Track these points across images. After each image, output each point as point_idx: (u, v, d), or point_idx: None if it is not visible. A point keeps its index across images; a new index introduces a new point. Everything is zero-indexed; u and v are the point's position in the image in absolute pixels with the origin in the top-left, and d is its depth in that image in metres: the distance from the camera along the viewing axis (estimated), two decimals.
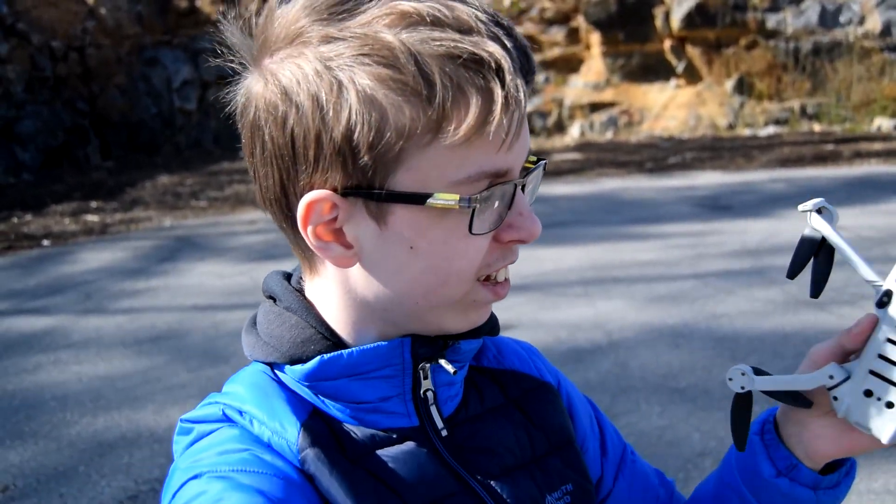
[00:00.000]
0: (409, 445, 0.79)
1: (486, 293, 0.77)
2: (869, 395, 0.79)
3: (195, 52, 15.70)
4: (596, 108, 16.03)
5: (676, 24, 15.50)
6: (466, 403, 0.85)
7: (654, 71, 15.84)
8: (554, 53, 16.09)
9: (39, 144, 13.63)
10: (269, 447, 0.75)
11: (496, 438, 0.85)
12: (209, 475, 0.71)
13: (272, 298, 0.84)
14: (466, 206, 0.70)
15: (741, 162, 12.28)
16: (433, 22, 0.67)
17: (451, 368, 0.79)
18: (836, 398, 0.81)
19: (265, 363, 0.82)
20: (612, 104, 15.99)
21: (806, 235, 0.84)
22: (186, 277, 7.22)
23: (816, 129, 14.93)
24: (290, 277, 0.86)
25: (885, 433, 0.79)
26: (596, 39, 15.97)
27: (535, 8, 16.32)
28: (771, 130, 14.94)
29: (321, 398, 0.79)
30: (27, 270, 7.93)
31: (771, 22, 15.45)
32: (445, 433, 0.81)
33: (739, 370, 0.84)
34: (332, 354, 0.77)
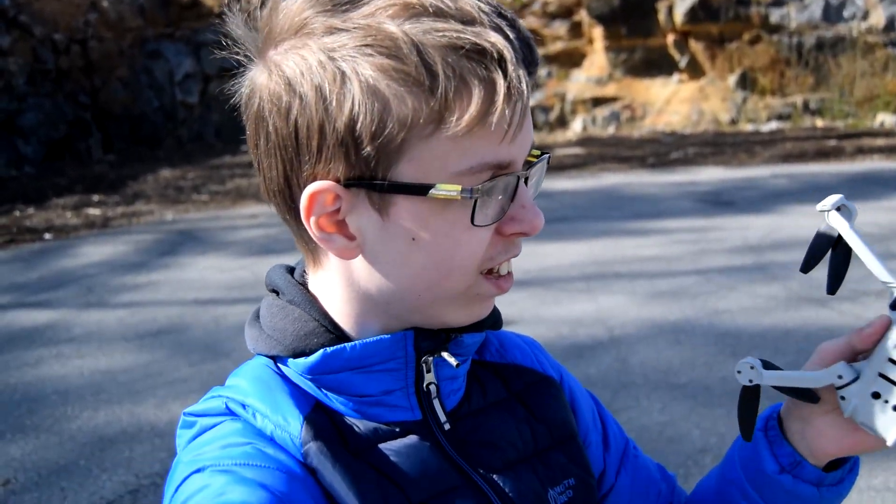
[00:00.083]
0: (411, 439, 0.79)
1: (488, 286, 0.77)
2: (877, 396, 0.79)
3: (197, 45, 15.69)
4: (598, 102, 16.00)
5: (679, 18, 15.46)
6: (469, 397, 0.86)
7: (656, 66, 15.81)
8: (556, 48, 16.06)
9: (41, 137, 13.63)
10: (271, 441, 0.75)
11: (499, 432, 0.85)
12: (212, 469, 0.71)
13: (275, 292, 0.84)
14: (468, 197, 0.69)
15: (743, 157, 12.26)
16: (436, 13, 0.67)
17: (453, 361, 0.79)
18: (843, 398, 0.81)
19: (268, 356, 0.82)
20: (614, 99, 15.96)
21: (821, 231, 0.83)
22: (188, 271, 7.23)
23: (819, 124, 14.90)
24: (293, 271, 0.86)
25: (889, 435, 0.79)
26: (599, 34, 15.93)
27: (537, 2, 16.28)
28: (773, 126, 14.91)
29: (324, 391, 0.79)
30: (29, 264, 7.94)
31: (774, 17, 15.41)
32: (448, 427, 0.82)
33: (748, 363, 0.85)
34: (335, 348, 0.77)
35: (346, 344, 0.77)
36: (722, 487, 0.95)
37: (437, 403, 0.81)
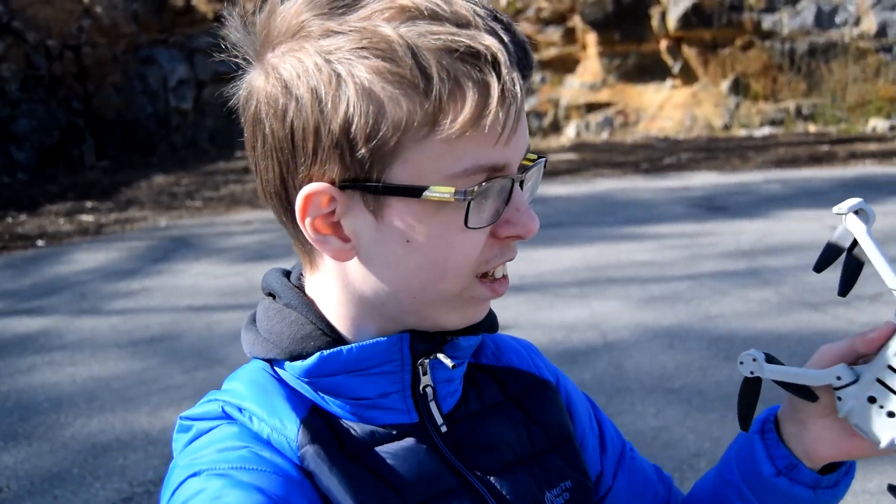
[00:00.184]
0: (408, 442, 0.79)
1: (483, 290, 0.77)
2: (872, 401, 0.80)
3: (191, 50, 15.68)
4: (592, 108, 16.04)
5: (673, 24, 15.52)
6: (466, 400, 0.86)
7: (650, 71, 15.86)
8: (550, 53, 16.10)
9: (34, 143, 13.60)
10: (268, 444, 0.75)
11: (496, 435, 0.85)
12: (208, 473, 0.71)
13: (272, 295, 0.84)
14: (462, 199, 0.70)
15: (736, 162, 12.30)
16: (431, 16, 0.68)
17: (449, 362, 0.79)
18: (840, 398, 0.82)
19: (264, 360, 0.82)
20: (607, 104, 16.00)
21: (834, 237, 0.84)
22: (181, 278, 7.21)
23: (812, 129, 14.96)
24: (289, 275, 0.86)
25: (881, 439, 0.81)
26: (592, 39, 15.98)
27: (531, 8, 16.33)
28: (766, 131, 14.96)
29: (321, 395, 0.79)
30: (21, 271, 7.91)
31: (767, 23, 15.48)
32: (445, 429, 0.82)
33: (751, 356, 0.85)
34: (331, 351, 0.77)
35: (342, 347, 0.77)
36: (718, 489, 0.96)
37: (433, 406, 0.81)
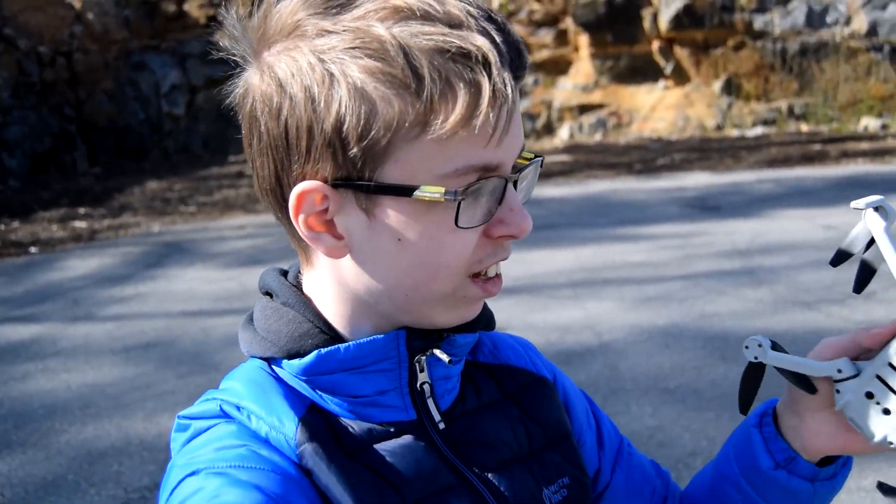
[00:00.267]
0: (406, 439, 0.79)
1: (476, 289, 0.78)
2: (870, 397, 0.81)
3: (183, 56, 15.65)
4: (585, 109, 16.05)
5: (664, 25, 15.54)
6: (463, 398, 0.86)
7: (642, 72, 15.88)
8: (542, 55, 16.11)
9: (26, 150, 13.56)
10: (266, 442, 0.76)
11: (493, 432, 0.85)
12: (206, 472, 0.71)
13: (269, 294, 0.85)
14: (452, 199, 0.70)
15: (729, 162, 12.33)
16: (423, 16, 0.69)
17: (445, 357, 0.80)
18: (838, 391, 0.83)
19: (262, 359, 0.82)
20: (600, 106, 16.02)
21: (853, 232, 0.84)
22: (175, 283, 7.19)
23: (804, 129, 15.00)
24: (286, 274, 0.87)
25: (875, 435, 0.82)
26: (584, 41, 16.00)
27: (523, 10, 16.34)
28: (759, 131, 15.00)
29: (319, 393, 0.80)
30: (14, 278, 7.88)
31: (758, 23, 15.52)
32: (443, 426, 0.82)
33: (757, 341, 0.86)
34: (329, 349, 0.77)
35: (339, 345, 0.77)
36: (716, 483, 0.96)
37: (431, 403, 0.82)
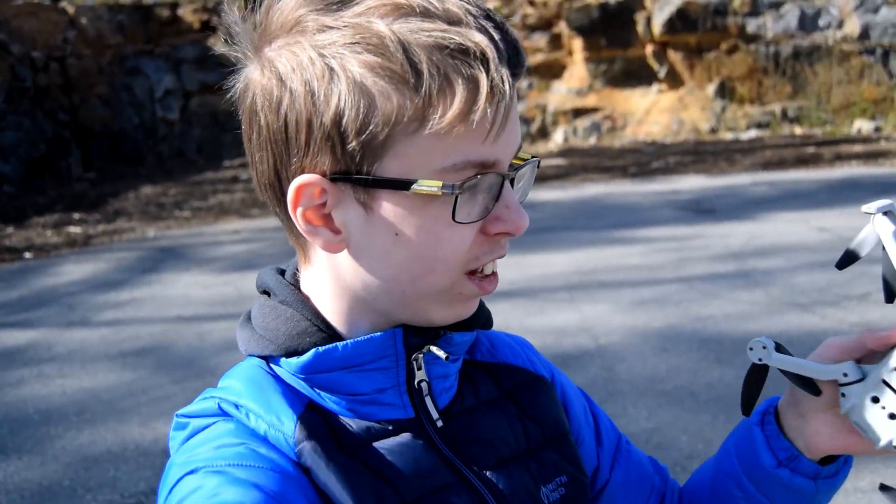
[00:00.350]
0: (404, 437, 0.80)
1: (472, 286, 0.78)
2: (875, 401, 0.81)
3: (177, 61, 15.64)
4: (579, 113, 16.07)
5: (658, 29, 15.59)
6: (461, 396, 0.86)
7: (636, 76, 15.92)
8: (537, 59, 16.14)
9: (21, 156, 13.52)
10: (265, 440, 0.76)
11: (491, 430, 0.85)
12: (205, 470, 0.71)
13: (267, 293, 0.85)
14: (449, 192, 0.71)
15: (724, 165, 12.36)
16: (423, 13, 0.69)
17: (442, 353, 0.80)
18: (843, 395, 0.83)
19: (260, 357, 0.82)
20: (595, 109, 16.04)
21: (860, 236, 0.83)
22: (171, 288, 7.18)
23: (798, 132, 15.04)
24: (284, 273, 0.87)
25: (880, 439, 0.82)
26: (578, 45, 16.03)
27: (517, 14, 16.37)
28: (753, 134, 15.04)
29: (317, 391, 0.80)
30: (9, 284, 7.86)
31: (751, 26, 15.57)
32: (441, 424, 0.82)
33: (761, 343, 0.86)
34: (327, 347, 0.77)
35: (338, 343, 0.77)
36: (717, 480, 0.97)
37: (428, 401, 0.82)
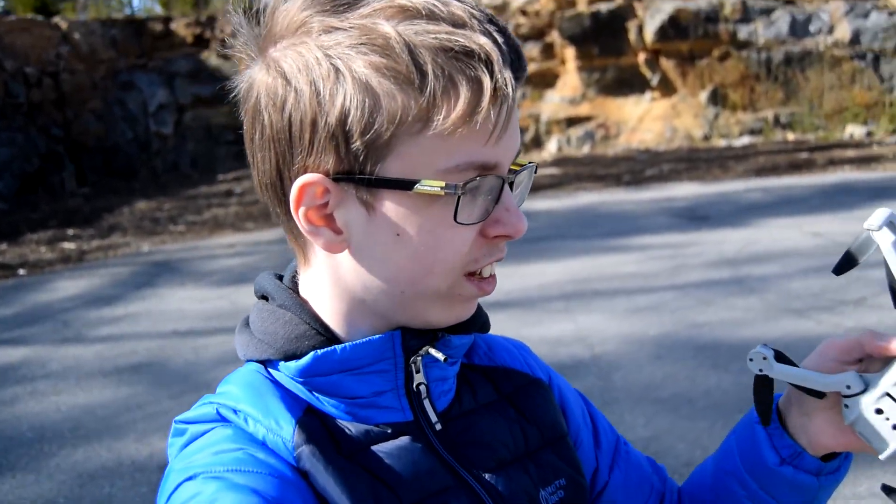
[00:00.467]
0: (403, 440, 0.80)
1: (471, 288, 0.78)
2: (879, 412, 0.81)
3: (171, 74, 15.66)
4: (572, 122, 16.13)
5: (650, 37, 15.66)
6: (460, 399, 0.86)
7: (629, 84, 15.98)
8: (529, 69, 16.08)
9: (14, 171, 13.51)
10: (263, 445, 0.76)
11: (490, 433, 0.85)
12: (204, 476, 0.71)
13: (265, 298, 0.85)
14: (452, 192, 0.71)
15: (717, 172, 12.40)
16: (428, 16, 0.70)
17: (440, 355, 0.80)
18: (847, 406, 0.83)
19: (259, 362, 0.82)
20: (588, 118, 16.10)
21: (856, 243, 0.84)
22: (166, 303, 7.16)
23: (790, 137, 15.11)
24: (282, 278, 0.87)
25: (884, 449, 0.82)
26: (571, 54, 16.09)
27: (510, 24, 16.41)
28: (746, 140, 15.10)
29: (315, 394, 0.80)
30: (3, 300, 7.84)
31: (742, 33, 15.65)
32: (439, 427, 0.82)
33: (761, 354, 0.85)
34: (325, 350, 0.77)
35: (336, 346, 0.78)
36: (718, 478, 0.97)
37: (427, 404, 0.82)
